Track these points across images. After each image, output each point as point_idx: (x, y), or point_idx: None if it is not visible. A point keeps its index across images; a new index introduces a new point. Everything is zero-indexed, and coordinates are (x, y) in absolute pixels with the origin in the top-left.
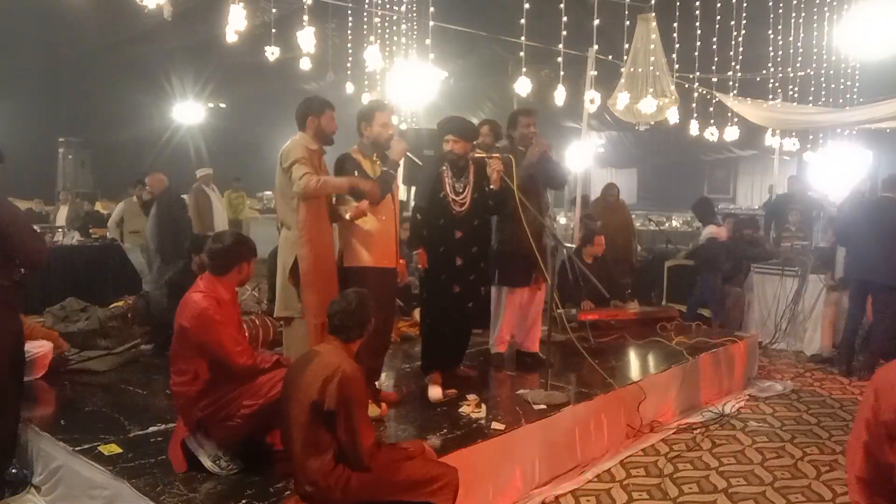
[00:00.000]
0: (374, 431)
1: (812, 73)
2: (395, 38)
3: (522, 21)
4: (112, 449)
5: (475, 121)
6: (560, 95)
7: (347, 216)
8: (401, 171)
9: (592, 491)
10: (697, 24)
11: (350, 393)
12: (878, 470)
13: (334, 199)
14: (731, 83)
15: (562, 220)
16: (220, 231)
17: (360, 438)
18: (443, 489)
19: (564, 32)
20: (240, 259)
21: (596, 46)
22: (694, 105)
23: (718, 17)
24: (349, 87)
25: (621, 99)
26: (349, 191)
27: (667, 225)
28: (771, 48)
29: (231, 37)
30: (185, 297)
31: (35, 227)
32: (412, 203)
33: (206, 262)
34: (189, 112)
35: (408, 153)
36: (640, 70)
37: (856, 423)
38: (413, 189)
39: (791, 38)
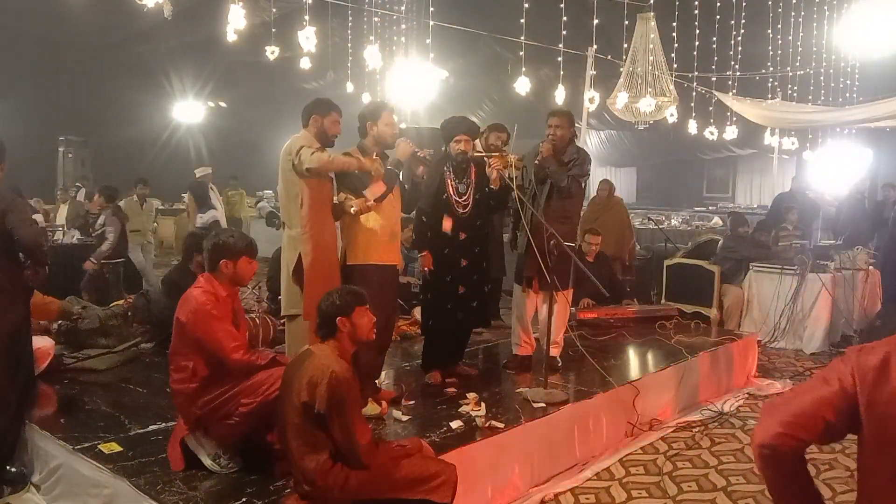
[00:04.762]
0: (369, 430)
1: (811, 71)
2: (395, 38)
3: (522, 20)
4: (112, 447)
5: (476, 120)
6: (560, 94)
7: (353, 210)
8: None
9: (592, 489)
10: (696, 23)
11: (340, 395)
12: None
13: (340, 196)
14: (730, 82)
15: None
16: (223, 228)
17: (355, 438)
18: (441, 486)
19: (564, 32)
20: (221, 255)
21: (595, 46)
22: (693, 104)
23: (718, 17)
24: (349, 87)
25: (621, 98)
26: (357, 167)
27: (666, 224)
28: (770, 47)
29: (231, 36)
30: (185, 294)
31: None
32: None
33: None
34: (189, 111)
35: (415, 151)
36: (639, 69)
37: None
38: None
39: (790, 37)
